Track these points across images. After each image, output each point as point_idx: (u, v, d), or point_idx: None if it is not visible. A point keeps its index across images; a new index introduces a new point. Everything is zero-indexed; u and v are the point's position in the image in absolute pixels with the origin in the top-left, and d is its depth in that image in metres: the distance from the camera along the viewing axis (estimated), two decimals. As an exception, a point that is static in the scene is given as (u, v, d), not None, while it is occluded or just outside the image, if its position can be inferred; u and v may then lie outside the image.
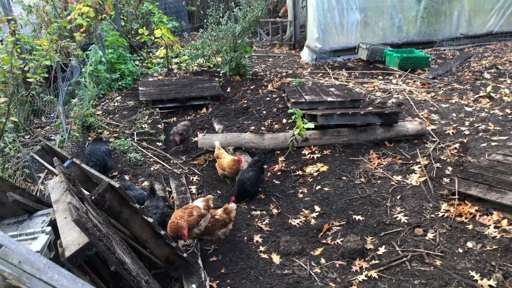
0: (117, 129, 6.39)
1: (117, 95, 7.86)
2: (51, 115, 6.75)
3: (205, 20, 8.83)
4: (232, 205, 3.91)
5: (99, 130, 6.33)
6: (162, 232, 3.00)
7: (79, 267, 2.06)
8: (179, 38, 11.53)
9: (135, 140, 6.04)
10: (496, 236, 3.54)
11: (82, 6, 8.46)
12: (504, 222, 3.66)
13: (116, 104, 7.42)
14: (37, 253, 1.65)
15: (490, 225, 3.68)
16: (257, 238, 3.92)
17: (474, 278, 3.15)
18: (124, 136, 6.08)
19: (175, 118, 7.20)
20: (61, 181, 2.37)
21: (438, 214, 3.96)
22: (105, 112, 7.09)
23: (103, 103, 7.48)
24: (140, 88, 7.80)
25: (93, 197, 2.69)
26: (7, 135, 4.68)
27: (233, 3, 10.52)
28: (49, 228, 2.55)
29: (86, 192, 2.94)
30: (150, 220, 2.89)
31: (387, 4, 9.47)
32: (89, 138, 5.96)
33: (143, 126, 6.50)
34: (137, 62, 10.03)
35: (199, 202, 3.77)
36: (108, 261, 2.26)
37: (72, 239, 2.01)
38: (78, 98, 6.88)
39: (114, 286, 2.83)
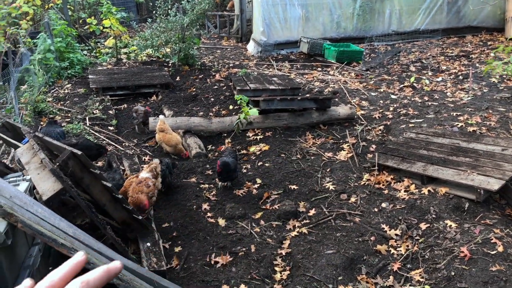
0: (69, 114, 6.59)
1: (67, 83, 7.99)
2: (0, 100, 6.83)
3: (154, 12, 9.10)
4: (156, 160, 4.41)
5: (51, 115, 6.50)
6: (120, 196, 3.40)
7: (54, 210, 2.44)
8: (127, 28, 11.66)
9: (88, 125, 6.29)
10: (405, 198, 4.25)
11: (28, -7, 8.47)
12: (412, 187, 4.39)
13: (66, 91, 7.57)
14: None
15: (401, 190, 4.39)
16: (205, 206, 4.40)
17: (384, 230, 3.83)
18: (76, 121, 6.31)
19: (125, 105, 7.48)
20: (32, 145, 2.71)
21: (361, 183, 4.63)
22: (56, 98, 7.23)
23: (53, 90, 7.60)
24: (90, 76, 7.98)
25: (57, 164, 3.04)
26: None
27: (181, -5, 10.82)
28: (29, 176, 2.86)
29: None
30: (109, 184, 3.27)
31: (326, 1, 10.20)
32: (42, 122, 6.14)
33: (95, 111, 6.74)
34: (85, 52, 10.10)
35: (147, 173, 4.15)
36: (79, 204, 2.64)
37: (48, 187, 2.38)
38: (28, 84, 6.98)
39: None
